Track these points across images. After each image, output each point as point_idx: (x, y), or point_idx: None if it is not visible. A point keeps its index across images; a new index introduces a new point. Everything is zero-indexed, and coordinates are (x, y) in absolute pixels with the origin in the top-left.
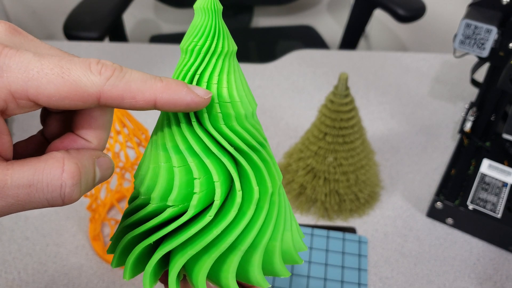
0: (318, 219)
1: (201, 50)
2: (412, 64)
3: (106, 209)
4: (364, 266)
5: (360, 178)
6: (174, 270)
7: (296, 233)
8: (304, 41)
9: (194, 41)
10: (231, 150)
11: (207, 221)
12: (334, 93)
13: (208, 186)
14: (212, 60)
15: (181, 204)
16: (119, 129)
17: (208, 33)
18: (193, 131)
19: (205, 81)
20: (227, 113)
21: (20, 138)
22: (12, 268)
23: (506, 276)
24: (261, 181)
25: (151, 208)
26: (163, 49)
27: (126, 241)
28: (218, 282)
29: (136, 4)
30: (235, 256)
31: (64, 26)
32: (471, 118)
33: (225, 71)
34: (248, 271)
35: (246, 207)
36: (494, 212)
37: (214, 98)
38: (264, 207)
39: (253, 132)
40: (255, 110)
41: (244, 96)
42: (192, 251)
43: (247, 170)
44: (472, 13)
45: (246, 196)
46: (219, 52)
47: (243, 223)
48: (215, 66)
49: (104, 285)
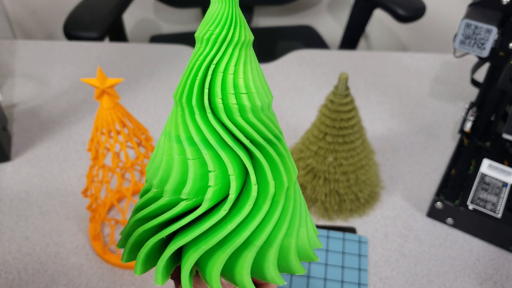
0: (318, 219)
1: (218, 39)
2: (412, 64)
3: (106, 209)
4: (364, 266)
5: (360, 178)
6: (187, 265)
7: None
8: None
9: (210, 30)
10: (246, 143)
11: (221, 216)
12: (334, 93)
13: (223, 180)
14: (228, 50)
15: (195, 198)
16: (119, 129)
17: (225, 21)
18: (208, 123)
19: (221, 71)
20: (242, 104)
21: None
22: (12, 268)
23: (506, 276)
24: (276, 175)
25: (164, 201)
26: (163, 49)
27: (137, 235)
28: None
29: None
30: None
31: (64, 26)
32: (471, 118)
33: (242, 61)
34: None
35: (261, 201)
36: (494, 212)
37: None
38: (280, 202)
39: (269, 124)
40: (271, 102)
41: (261, 87)
42: (205, 246)
43: (262, 163)
44: (472, 13)
45: (262, 191)
46: (235, 41)
47: (258, 218)
48: (232, 56)
49: (104, 285)
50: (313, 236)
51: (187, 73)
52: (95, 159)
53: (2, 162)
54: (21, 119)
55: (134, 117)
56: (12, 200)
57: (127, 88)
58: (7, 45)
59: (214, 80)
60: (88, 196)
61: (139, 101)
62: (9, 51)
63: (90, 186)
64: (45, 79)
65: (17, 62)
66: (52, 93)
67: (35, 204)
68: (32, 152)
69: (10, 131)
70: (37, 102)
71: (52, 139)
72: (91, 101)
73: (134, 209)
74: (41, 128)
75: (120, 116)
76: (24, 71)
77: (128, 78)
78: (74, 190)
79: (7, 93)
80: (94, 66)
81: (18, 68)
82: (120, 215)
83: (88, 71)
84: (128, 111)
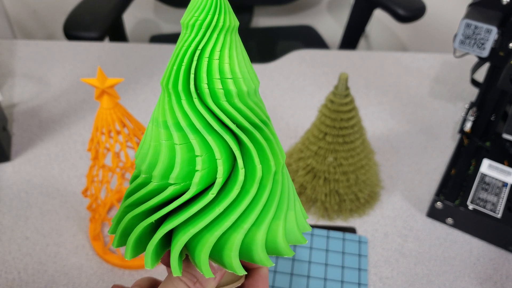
0: (318, 219)
1: (202, 25)
2: (412, 64)
3: (106, 209)
4: (364, 266)
5: (360, 178)
6: (176, 248)
7: (299, 213)
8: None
9: (195, 16)
10: (233, 127)
11: (209, 199)
12: (334, 93)
13: (210, 164)
14: (213, 35)
15: (183, 182)
16: (119, 129)
17: (210, 7)
18: (195, 108)
19: (206, 56)
20: (228, 89)
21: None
22: (12, 268)
23: (506, 276)
24: (264, 159)
25: (153, 186)
26: (163, 49)
27: (127, 221)
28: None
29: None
30: (238, 234)
31: (64, 26)
32: (471, 118)
33: (227, 46)
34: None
35: (249, 185)
36: (494, 212)
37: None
38: (267, 185)
39: (255, 109)
40: (257, 88)
41: (246, 72)
42: (194, 229)
43: (249, 148)
44: (472, 13)
45: (249, 174)
46: (220, 26)
47: (246, 201)
48: (217, 41)
49: (104, 285)
50: (301, 220)
51: (173, 59)
52: (95, 159)
53: (2, 162)
54: (21, 119)
55: (134, 117)
56: (12, 200)
57: (127, 88)
58: (7, 45)
59: (200, 65)
60: (88, 196)
61: (139, 101)
62: (9, 51)
63: (90, 186)
64: (45, 79)
65: (17, 62)
66: (52, 93)
67: (35, 204)
68: (32, 152)
69: (10, 131)
70: (37, 102)
71: (52, 139)
72: (91, 101)
73: (125, 195)
74: (41, 128)
75: (120, 116)
76: (24, 71)
77: (128, 78)
78: (74, 190)
79: (7, 93)
80: (94, 66)
81: (18, 68)
82: None
83: (88, 71)
84: (128, 111)
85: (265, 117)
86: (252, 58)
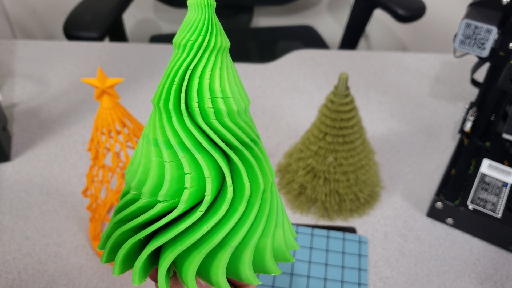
0: (318, 219)
1: (194, 45)
2: (412, 64)
3: (106, 209)
4: (364, 266)
5: (360, 178)
6: (164, 265)
7: (288, 231)
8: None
9: (187, 36)
10: (222, 145)
11: (197, 217)
12: (334, 93)
13: (199, 182)
14: (204, 55)
15: (171, 200)
16: (119, 129)
17: (201, 28)
18: (185, 126)
19: (197, 76)
20: (218, 108)
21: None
22: (12, 268)
23: (506, 276)
24: (252, 177)
25: (142, 203)
26: (163, 49)
27: (116, 237)
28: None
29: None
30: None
31: (64, 26)
32: (471, 118)
33: (218, 67)
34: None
35: (237, 203)
36: (494, 212)
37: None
38: (256, 203)
39: (245, 128)
40: (247, 107)
41: (237, 92)
42: (182, 247)
43: (238, 166)
44: (472, 13)
45: (238, 192)
46: (211, 47)
47: (234, 219)
48: (208, 61)
49: (104, 285)
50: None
51: (165, 78)
52: (95, 159)
53: (2, 162)
54: (21, 119)
55: (134, 117)
56: (12, 200)
57: (127, 88)
58: (7, 45)
59: (191, 84)
60: (88, 196)
61: (139, 101)
62: (9, 51)
63: (90, 186)
64: (45, 79)
65: (17, 62)
66: (52, 93)
67: (35, 204)
68: (32, 152)
69: (10, 131)
70: (37, 102)
71: (52, 139)
72: (91, 101)
73: (114, 211)
74: (41, 128)
75: (120, 116)
76: (24, 71)
77: (128, 78)
78: (74, 190)
79: (7, 93)
80: (94, 66)
81: (18, 68)
82: None
83: (88, 71)
84: (128, 111)
85: (255, 136)
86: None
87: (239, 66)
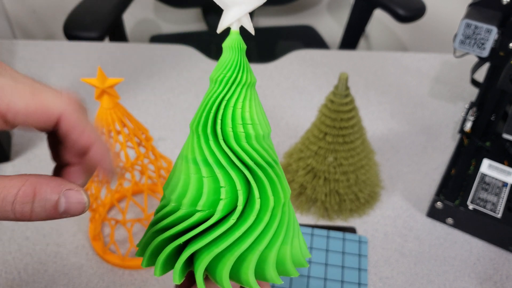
0: (318, 219)
1: (228, 81)
2: (412, 64)
3: (106, 209)
4: (364, 266)
5: (360, 178)
6: (201, 267)
7: (302, 241)
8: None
9: (223, 73)
10: (251, 164)
11: (230, 224)
12: (334, 93)
13: (231, 194)
14: (237, 89)
15: (208, 210)
16: (119, 129)
17: (235, 67)
18: (220, 147)
19: (231, 106)
20: (248, 133)
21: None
22: (12, 268)
23: (506, 276)
24: (275, 192)
25: (182, 213)
26: (163, 49)
27: (156, 243)
28: (238, 278)
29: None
30: (253, 255)
31: (64, 26)
32: (471, 118)
33: (248, 99)
34: (264, 269)
35: (263, 213)
36: (494, 212)
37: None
38: (278, 214)
39: (269, 150)
40: (270, 133)
41: (262, 120)
42: (218, 249)
43: (263, 181)
44: (472, 13)
45: (263, 204)
46: (243, 82)
47: (260, 227)
48: (240, 94)
49: (104, 285)
50: (304, 247)
51: (202, 107)
52: None
53: (2, 162)
54: None
55: (134, 117)
56: None
57: (127, 88)
58: (7, 45)
59: (226, 113)
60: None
61: (139, 101)
62: (9, 51)
63: (90, 186)
64: (45, 79)
65: (17, 62)
66: None
67: None
68: (32, 152)
69: (10, 131)
70: None
71: None
72: (91, 101)
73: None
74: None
75: (120, 116)
76: (24, 71)
77: (128, 78)
78: None
79: None
80: (94, 66)
81: (18, 68)
82: (120, 215)
83: (88, 71)
84: (128, 111)
85: (276, 157)
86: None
87: None
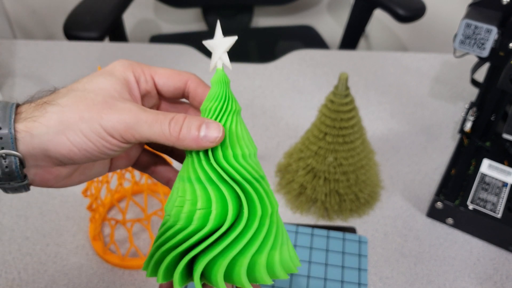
0: (318, 219)
1: (216, 109)
2: (412, 64)
3: (106, 209)
4: (364, 266)
5: (360, 178)
6: (199, 269)
7: (292, 249)
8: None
9: (211, 103)
10: (240, 179)
11: (222, 231)
12: (334, 93)
13: (223, 207)
14: (224, 116)
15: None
16: None
17: (221, 98)
18: (211, 166)
19: None
20: (236, 153)
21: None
22: (12, 268)
23: (506, 276)
24: (262, 203)
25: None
26: (163, 49)
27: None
28: (231, 279)
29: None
30: (245, 258)
31: (64, 26)
32: (471, 118)
33: (234, 124)
34: (255, 271)
35: (251, 221)
36: (494, 212)
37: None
38: (265, 223)
39: (255, 168)
40: (256, 152)
41: (248, 141)
42: (212, 253)
43: (252, 194)
44: (472, 13)
45: (252, 214)
46: (229, 110)
47: (250, 233)
48: (226, 120)
49: (104, 285)
50: (293, 254)
51: None
52: None
53: None
54: None
55: None
56: (12, 200)
57: None
58: (7, 45)
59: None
60: (88, 196)
61: None
62: (9, 51)
63: (90, 186)
64: (45, 79)
65: (17, 62)
66: None
67: (35, 204)
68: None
69: None
70: None
71: None
72: None
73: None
74: None
75: None
76: (24, 71)
77: None
78: (74, 190)
79: (7, 93)
80: (94, 66)
81: (18, 68)
82: (120, 215)
83: (88, 71)
84: None
85: (262, 174)
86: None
87: (239, 66)
